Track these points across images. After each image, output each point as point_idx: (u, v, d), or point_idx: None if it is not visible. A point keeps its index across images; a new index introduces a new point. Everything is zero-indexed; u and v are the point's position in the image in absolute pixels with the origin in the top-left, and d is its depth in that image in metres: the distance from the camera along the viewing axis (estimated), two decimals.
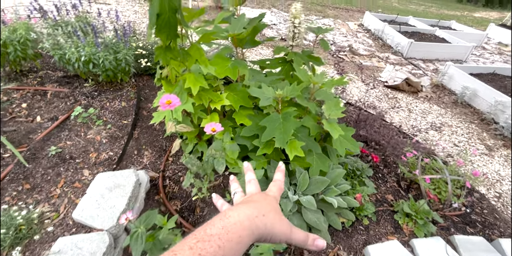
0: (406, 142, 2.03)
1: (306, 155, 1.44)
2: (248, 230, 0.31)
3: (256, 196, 0.41)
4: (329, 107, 1.42)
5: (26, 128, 1.64)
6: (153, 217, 0.85)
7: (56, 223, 1.15)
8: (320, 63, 1.73)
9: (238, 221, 0.31)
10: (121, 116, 1.86)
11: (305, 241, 0.37)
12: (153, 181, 1.45)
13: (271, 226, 0.34)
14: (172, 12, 0.96)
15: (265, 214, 0.35)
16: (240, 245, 0.30)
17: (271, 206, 0.38)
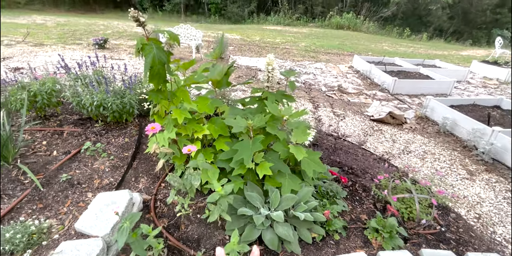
0: (381, 167, 2.20)
1: (278, 176, 1.65)
2: None
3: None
4: (296, 134, 1.68)
5: (44, 160, 1.95)
6: (136, 216, 1.06)
7: (61, 233, 1.36)
8: (292, 100, 2.04)
9: None
10: (123, 149, 2.17)
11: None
12: (146, 202, 1.67)
13: None
14: (161, 65, 1.32)
15: None
16: None
17: None
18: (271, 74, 2.00)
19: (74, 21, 10.96)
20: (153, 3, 19.49)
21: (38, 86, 2.37)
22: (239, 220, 1.57)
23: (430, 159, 2.96)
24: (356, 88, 5.34)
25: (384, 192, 1.85)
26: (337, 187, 1.91)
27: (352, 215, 1.84)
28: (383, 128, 3.66)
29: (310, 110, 3.91)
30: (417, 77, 5.83)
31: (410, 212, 1.82)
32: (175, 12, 19.09)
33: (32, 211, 1.54)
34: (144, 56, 1.25)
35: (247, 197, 1.57)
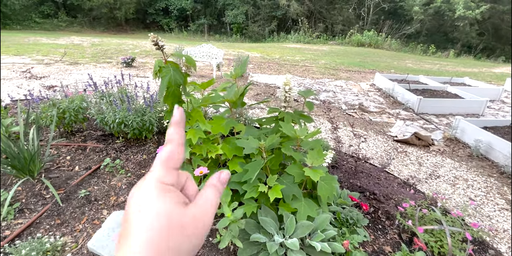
0: (406, 193, 2.05)
1: (293, 201, 1.57)
2: None
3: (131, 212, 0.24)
4: (312, 156, 1.61)
5: (66, 175, 2.01)
6: None
7: (74, 251, 1.37)
8: (310, 121, 1.99)
9: None
10: (141, 166, 2.20)
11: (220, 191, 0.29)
12: None
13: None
14: (177, 86, 1.35)
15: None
16: None
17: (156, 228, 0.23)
18: (288, 94, 1.98)
19: (107, 41, 11.83)
20: (178, 24, 20.70)
21: (67, 104, 2.51)
22: (252, 246, 1.49)
23: (462, 186, 2.72)
24: (378, 107, 5.18)
25: (409, 222, 1.70)
26: (357, 214, 1.78)
27: (375, 246, 1.69)
28: (408, 149, 3.47)
29: (329, 129, 3.81)
30: (445, 96, 5.57)
31: (441, 246, 1.65)
32: (199, 32, 20.11)
33: (50, 226, 1.57)
34: (161, 78, 1.28)
35: (261, 222, 1.50)
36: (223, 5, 19.62)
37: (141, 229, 0.23)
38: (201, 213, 0.26)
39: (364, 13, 19.19)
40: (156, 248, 0.22)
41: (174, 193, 0.26)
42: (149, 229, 0.23)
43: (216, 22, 20.83)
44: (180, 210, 0.25)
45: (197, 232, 0.25)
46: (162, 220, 0.23)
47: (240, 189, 1.55)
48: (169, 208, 0.24)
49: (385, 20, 18.30)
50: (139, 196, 0.25)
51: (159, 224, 0.23)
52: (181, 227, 0.24)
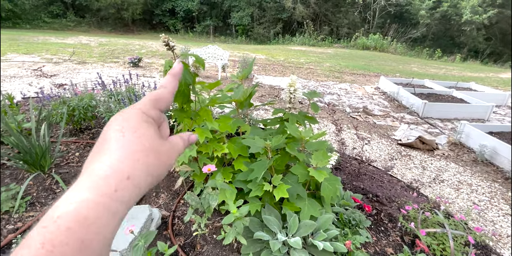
0: (409, 196, 2.06)
1: (297, 200, 1.60)
2: (98, 223, 0.20)
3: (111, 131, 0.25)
4: (316, 157, 1.64)
5: (76, 171, 2.06)
6: (151, 235, 1.06)
7: None
8: (314, 122, 2.01)
9: (74, 220, 0.19)
10: None
11: (183, 146, 0.31)
12: (164, 218, 1.67)
13: (146, 184, 0.24)
14: (186, 85, 1.38)
15: (130, 174, 0.23)
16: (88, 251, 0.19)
17: (136, 146, 0.24)
18: (293, 95, 2.01)
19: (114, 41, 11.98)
20: (185, 25, 20.88)
21: (76, 102, 2.56)
22: (255, 244, 1.51)
23: (466, 190, 2.72)
24: (383, 110, 5.18)
25: (411, 225, 1.71)
26: (360, 216, 1.80)
27: (377, 247, 1.71)
28: (412, 153, 3.47)
29: (333, 131, 3.83)
30: (450, 101, 5.55)
31: (443, 250, 1.66)
32: (204, 33, 20.27)
33: None
34: None
35: (264, 220, 1.52)
36: (229, 7, 19.77)
37: (123, 146, 0.24)
38: (172, 150, 0.28)
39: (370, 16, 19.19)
40: (134, 163, 0.23)
41: (155, 126, 0.28)
42: (130, 147, 0.24)
43: (221, 24, 20.98)
44: (159, 140, 0.27)
45: (167, 163, 0.27)
46: (144, 142, 0.25)
47: (245, 187, 1.57)
48: (150, 134, 0.26)
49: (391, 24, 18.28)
50: (123, 119, 0.26)
51: (141, 145, 0.25)
52: (158, 153, 0.26)
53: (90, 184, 0.21)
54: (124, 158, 0.23)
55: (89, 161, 0.24)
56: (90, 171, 0.22)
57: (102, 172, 0.22)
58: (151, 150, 0.25)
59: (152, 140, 0.26)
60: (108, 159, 0.23)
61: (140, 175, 0.24)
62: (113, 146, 0.24)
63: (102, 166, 0.23)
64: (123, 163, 0.23)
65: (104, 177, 0.22)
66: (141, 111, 0.27)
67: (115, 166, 0.23)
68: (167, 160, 0.27)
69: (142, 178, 0.24)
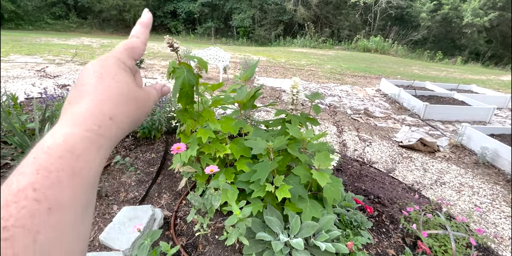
0: (410, 198, 2.06)
1: (299, 201, 1.60)
2: (87, 154, 0.21)
3: (88, 77, 0.26)
4: (319, 158, 1.64)
5: None
6: (156, 234, 1.07)
7: None
8: (316, 124, 2.02)
9: (65, 150, 0.20)
10: (150, 164, 2.25)
11: (157, 96, 0.32)
12: (167, 219, 1.68)
13: (127, 125, 0.26)
14: (190, 86, 1.39)
15: (112, 116, 0.24)
16: (79, 178, 0.20)
17: (115, 90, 0.25)
18: (296, 97, 2.02)
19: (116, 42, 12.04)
20: (186, 27, 20.98)
21: None
22: (257, 245, 1.52)
23: (468, 193, 2.72)
24: (384, 112, 5.19)
25: (413, 226, 1.71)
26: (361, 217, 1.80)
27: (378, 248, 1.71)
28: (413, 155, 3.47)
29: (335, 133, 3.84)
30: (451, 103, 5.56)
31: (444, 251, 1.66)
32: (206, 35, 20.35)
33: None
34: (175, 78, 1.33)
35: (266, 221, 1.53)
36: (230, 9, 19.85)
37: (104, 90, 0.25)
38: (148, 98, 0.29)
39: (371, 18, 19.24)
40: (115, 106, 0.24)
41: (131, 74, 0.29)
42: (110, 91, 0.25)
43: (223, 26, 21.06)
44: (136, 87, 0.28)
45: (144, 110, 0.28)
46: (123, 88, 0.26)
47: (247, 188, 1.58)
48: (127, 81, 0.27)
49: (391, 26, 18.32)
50: (100, 65, 0.26)
51: (120, 89, 0.26)
52: (136, 99, 0.27)
53: (74, 122, 0.22)
54: (106, 101, 0.24)
55: (68, 103, 0.25)
56: (71, 113, 0.23)
57: (86, 111, 0.23)
58: (129, 96, 0.26)
59: (129, 86, 0.27)
60: (90, 101, 0.24)
61: (121, 116, 0.25)
62: (92, 90, 0.25)
63: (85, 106, 0.23)
64: (104, 105, 0.24)
65: (89, 115, 0.23)
66: (118, 59, 0.28)
67: (97, 107, 0.24)
68: (144, 107, 0.28)
69: (123, 119, 0.25)
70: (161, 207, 1.81)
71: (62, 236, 0.19)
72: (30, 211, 0.17)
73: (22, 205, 0.17)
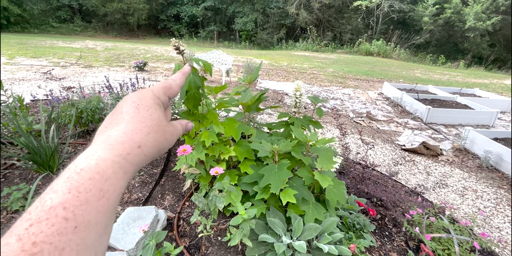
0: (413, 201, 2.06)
1: (302, 203, 1.61)
2: (114, 178, 0.23)
3: (127, 106, 0.29)
4: (322, 161, 1.65)
5: None
6: (161, 235, 1.08)
7: None
8: (319, 127, 2.03)
9: (95, 172, 0.22)
10: (153, 166, 2.27)
11: (182, 131, 0.36)
12: (170, 220, 1.69)
13: (152, 154, 0.28)
14: (196, 89, 1.41)
15: (141, 144, 0.26)
16: (104, 199, 0.22)
17: (148, 122, 0.28)
18: (299, 100, 2.03)
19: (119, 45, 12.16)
20: (189, 30, 21.16)
21: (85, 104, 2.61)
22: (260, 246, 1.52)
23: (471, 196, 2.70)
24: (386, 116, 5.19)
25: (416, 230, 1.71)
26: (364, 220, 1.80)
27: (381, 252, 1.70)
28: (416, 158, 3.46)
29: (337, 136, 3.84)
30: (454, 106, 5.55)
31: (448, 255, 1.65)
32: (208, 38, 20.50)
33: None
34: None
35: (269, 223, 1.53)
36: (232, 12, 20.02)
37: (137, 120, 0.28)
38: (174, 131, 0.32)
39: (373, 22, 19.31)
40: (145, 136, 0.27)
41: (163, 109, 0.32)
42: (143, 122, 0.28)
43: (225, 29, 21.22)
44: (165, 120, 0.31)
45: (170, 141, 0.31)
46: (155, 120, 0.29)
47: (250, 190, 1.59)
48: (159, 114, 0.30)
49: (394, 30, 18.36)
50: (138, 98, 0.30)
51: (152, 121, 0.29)
52: (164, 131, 0.30)
53: (107, 147, 0.25)
54: (138, 130, 0.27)
55: (103, 129, 0.28)
56: (107, 136, 0.26)
57: (119, 138, 0.26)
58: (159, 128, 0.29)
59: (160, 119, 0.30)
60: (124, 128, 0.27)
61: (148, 146, 0.27)
62: (128, 118, 0.28)
63: (119, 133, 0.26)
64: (136, 133, 0.27)
65: (121, 142, 0.26)
66: (154, 94, 0.32)
67: (130, 135, 0.26)
68: (170, 138, 0.31)
69: (150, 149, 0.28)
70: (164, 208, 1.82)
71: (85, 253, 0.20)
72: (59, 229, 0.19)
73: (52, 222, 0.19)
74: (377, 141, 3.94)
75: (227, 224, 1.74)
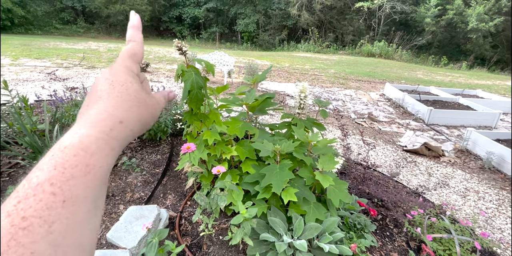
0: (414, 201, 2.06)
1: (303, 203, 1.62)
2: (99, 153, 0.23)
3: (101, 84, 0.29)
4: (323, 161, 1.66)
5: None
6: (164, 233, 1.10)
7: None
8: (322, 128, 2.03)
9: (79, 148, 0.22)
10: (155, 166, 2.28)
11: (165, 102, 0.35)
12: (172, 219, 1.71)
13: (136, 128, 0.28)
14: (199, 89, 1.43)
15: (123, 119, 0.27)
16: (91, 175, 0.22)
17: (125, 96, 0.28)
18: (303, 101, 2.03)
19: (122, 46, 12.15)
20: (191, 32, 21.25)
21: None
22: (261, 245, 1.53)
23: (473, 197, 2.70)
24: (388, 117, 5.19)
25: (417, 230, 1.71)
26: (365, 220, 1.80)
27: (382, 252, 1.71)
28: (418, 160, 3.46)
29: (339, 137, 3.84)
30: (456, 108, 5.54)
31: (449, 255, 1.65)
32: (210, 39, 20.58)
33: None
34: (183, 81, 1.36)
35: (270, 222, 1.54)
36: (234, 14, 20.09)
37: (115, 96, 0.28)
38: (157, 104, 0.32)
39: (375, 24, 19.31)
40: (126, 111, 0.27)
41: (139, 81, 0.31)
42: (121, 97, 0.28)
43: (227, 31, 21.29)
44: (144, 92, 0.30)
45: (153, 114, 0.30)
46: (133, 94, 0.29)
47: (252, 189, 1.60)
48: (136, 88, 0.30)
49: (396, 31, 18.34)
50: (111, 74, 0.29)
51: (131, 96, 0.28)
52: (146, 104, 0.30)
53: (89, 124, 0.25)
54: (118, 106, 0.27)
55: (84, 108, 0.28)
56: (88, 115, 0.26)
57: (99, 116, 0.26)
58: (139, 101, 0.29)
59: (137, 92, 0.29)
60: (103, 105, 0.27)
61: (131, 120, 0.27)
62: (105, 95, 0.28)
63: (98, 111, 0.26)
64: (116, 109, 0.27)
65: (101, 119, 0.26)
66: (125, 66, 0.31)
67: (110, 111, 0.26)
68: (153, 112, 0.31)
69: (134, 123, 0.28)
70: (166, 207, 1.83)
71: (75, 227, 0.20)
72: (47, 204, 0.19)
73: (40, 197, 0.19)
74: (378, 142, 3.94)
75: (228, 223, 1.75)
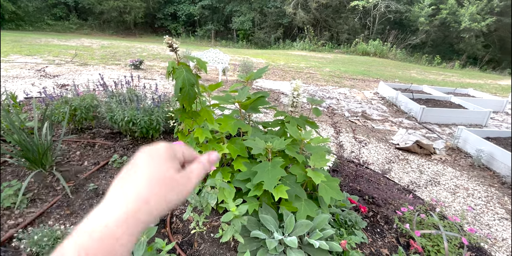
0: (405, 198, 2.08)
1: (294, 200, 1.62)
2: (124, 238, 0.25)
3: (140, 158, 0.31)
4: (314, 158, 1.67)
5: (76, 169, 2.10)
6: (152, 231, 1.09)
7: None
8: (315, 127, 2.04)
9: (104, 235, 0.24)
10: None
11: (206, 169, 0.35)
12: (163, 217, 1.70)
13: (159, 209, 0.28)
14: (190, 86, 1.42)
15: (148, 199, 0.27)
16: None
17: (155, 173, 0.29)
18: (296, 100, 2.03)
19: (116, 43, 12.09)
20: (186, 29, 21.07)
21: (78, 102, 2.60)
22: (252, 242, 1.53)
23: (463, 194, 2.74)
24: (381, 115, 5.23)
25: (407, 226, 1.73)
26: (356, 217, 1.82)
27: (372, 248, 1.73)
28: (409, 157, 3.50)
29: (332, 135, 3.87)
30: (448, 106, 5.61)
31: (437, 251, 1.68)
32: (206, 37, 20.43)
33: (60, 216, 1.66)
34: (174, 78, 1.36)
35: (261, 219, 1.54)
36: (230, 11, 19.97)
37: (148, 175, 0.29)
38: (186, 180, 0.32)
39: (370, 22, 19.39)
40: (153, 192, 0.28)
41: (176, 161, 0.33)
42: (153, 176, 0.29)
43: (223, 28, 21.16)
44: (173, 171, 0.31)
45: (181, 192, 0.31)
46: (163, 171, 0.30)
47: (243, 187, 1.60)
48: (170, 165, 0.31)
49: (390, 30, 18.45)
50: (151, 149, 0.32)
51: (161, 175, 0.29)
52: (172, 183, 0.30)
53: (121, 205, 0.26)
54: (148, 186, 0.28)
55: (119, 181, 0.29)
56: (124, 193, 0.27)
57: (131, 197, 0.27)
58: (167, 180, 0.30)
59: (167, 170, 0.30)
60: (135, 186, 0.28)
61: (155, 199, 0.28)
62: (140, 173, 0.29)
63: (132, 190, 0.27)
64: (144, 189, 0.28)
65: (132, 200, 0.27)
66: (169, 146, 0.33)
67: (141, 194, 0.27)
68: (180, 191, 0.31)
69: (157, 203, 0.28)
70: None
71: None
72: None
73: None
74: (371, 140, 3.97)
75: (220, 221, 1.75)
